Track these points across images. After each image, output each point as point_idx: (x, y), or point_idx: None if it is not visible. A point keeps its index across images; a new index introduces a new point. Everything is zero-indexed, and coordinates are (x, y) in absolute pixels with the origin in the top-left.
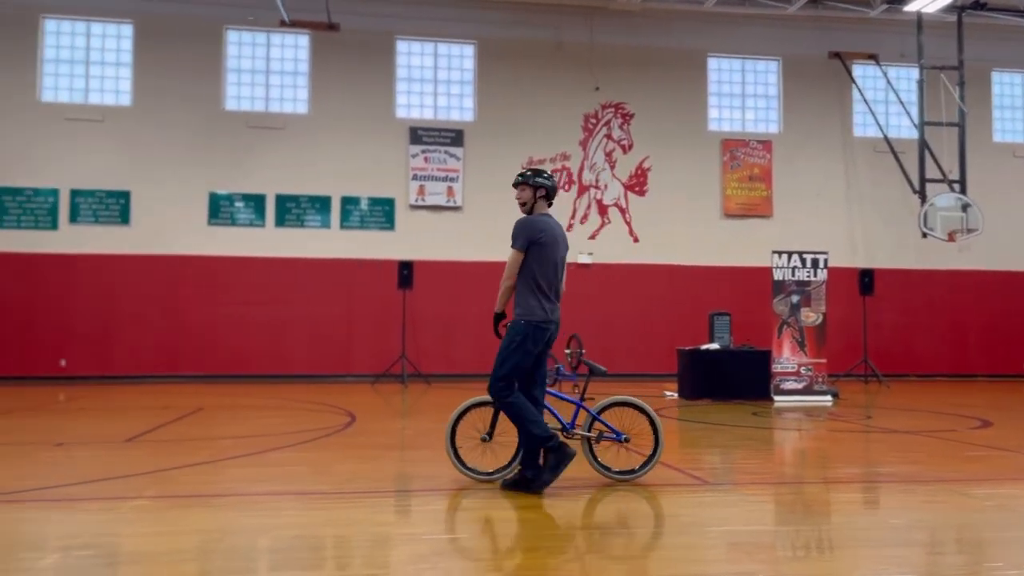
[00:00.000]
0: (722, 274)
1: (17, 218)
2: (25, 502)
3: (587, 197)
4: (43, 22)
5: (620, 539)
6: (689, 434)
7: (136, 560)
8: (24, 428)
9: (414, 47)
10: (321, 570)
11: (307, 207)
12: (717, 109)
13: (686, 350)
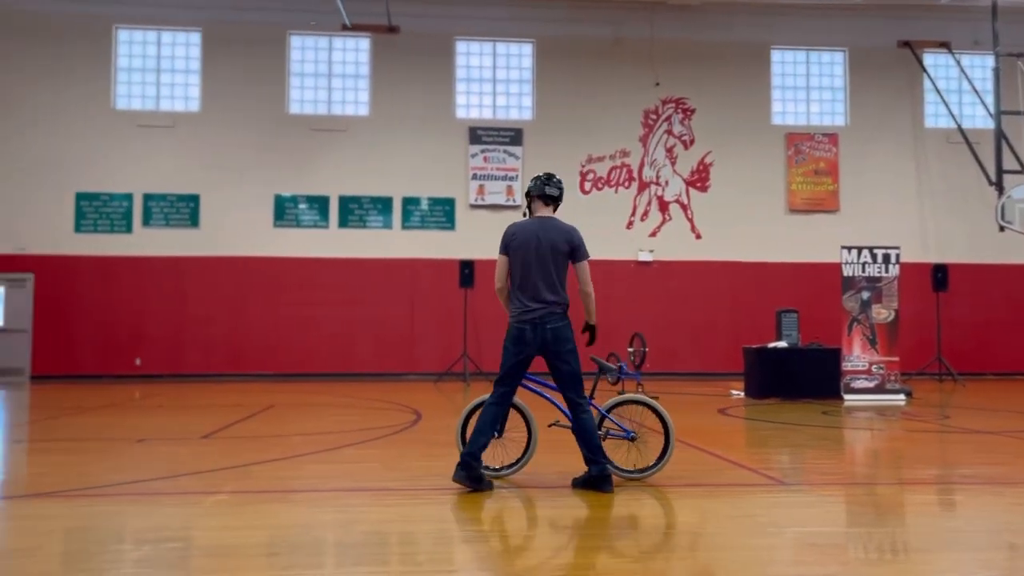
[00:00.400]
0: (788, 271)
1: (94, 222)
2: (115, 496)
3: (647, 194)
4: (116, 32)
5: (697, 539)
6: (759, 433)
7: (221, 553)
8: (106, 425)
9: (473, 47)
10: (399, 565)
11: (369, 208)
12: (781, 102)
13: (753, 348)
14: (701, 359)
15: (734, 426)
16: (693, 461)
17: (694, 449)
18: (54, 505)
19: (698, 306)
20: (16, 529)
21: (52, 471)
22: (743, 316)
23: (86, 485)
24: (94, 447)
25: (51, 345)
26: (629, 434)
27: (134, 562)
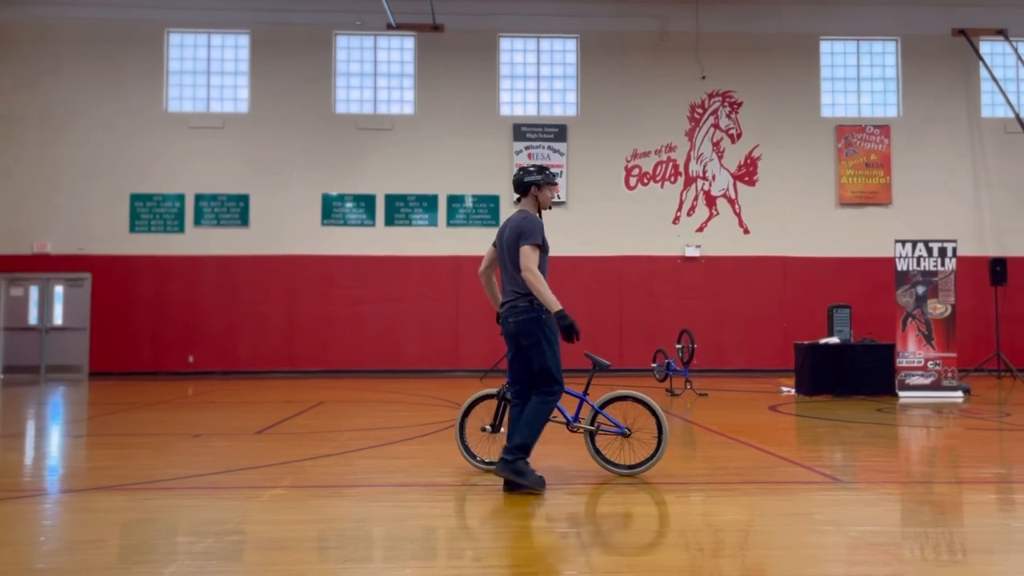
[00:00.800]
0: (839, 265)
1: (148, 222)
2: (175, 489)
3: (694, 188)
4: (168, 36)
5: (753, 537)
6: (812, 431)
7: (279, 546)
8: (163, 420)
9: (517, 44)
10: (452, 560)
11: (415, 206)
12: (831, 94)
13: (804, 344)
14: (750, 355)
15: (786, 423)
16: (745, 458)
17: (745, 446)
18: (117, 498)
19: (746, 302)
20: (82, 521)
21: (113, 465)
22: (793, 312)
23: (146, 479)
24: (151, 442)
25: (108, 343)
26: (622, 430)
27: (198, 554)
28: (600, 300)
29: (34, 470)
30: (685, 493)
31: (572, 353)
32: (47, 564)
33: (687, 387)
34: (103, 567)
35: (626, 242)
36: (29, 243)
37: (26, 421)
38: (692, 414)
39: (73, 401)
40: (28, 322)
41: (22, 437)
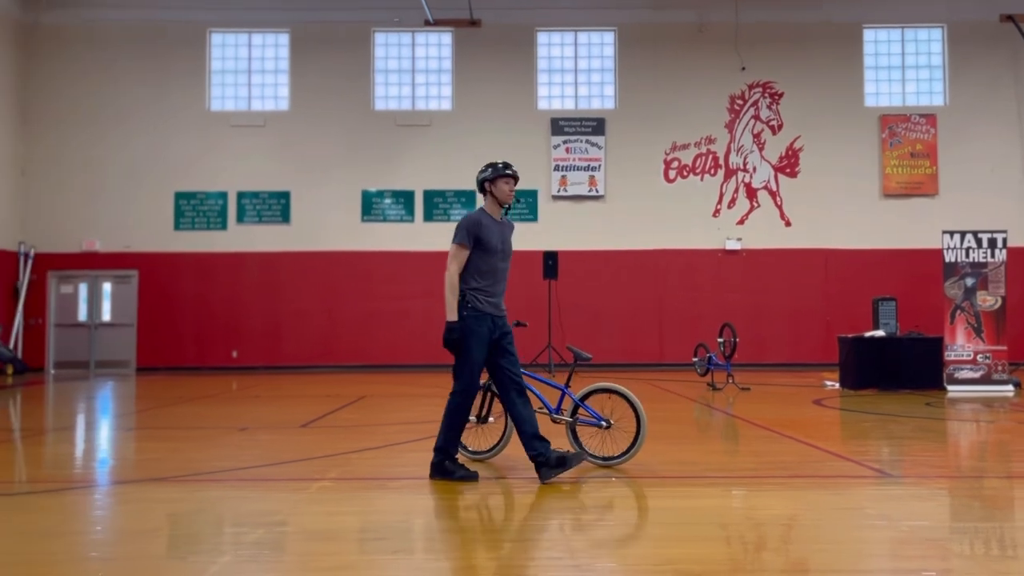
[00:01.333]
0: (883, 257)
1: (192, 220)
2: (224, 481)
3: (734, 181)
4: (210, 36)
5: (806, 531)
6: (859, 425)
7: (328, 537)
8: (209, 414)
9: (554, 38)
10: (496, 550)
11: (453, 201)
12: (874, 83)
13: (849, 338)
14: (792, 349)
15: (831, 417)
16: (792, 452)
17: (791, 440)
18: (168, 489)
19: (789, 295)
20: (135, 512)
21: (163, 457)
22: (836, 305)
23: (196, 471)
24: (199, 435)
25: (154, 338)
26: (600, 422)
27: (250, 544)
28: (639, 294)
29: (87, 462)
30: (732, 487)
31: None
32: (102, 553)
33: (729, 381)
34: (158, 556)
35: (666, 236)
36: (78, 241)
37: (78, 415)
38: (735, 408)
39: (122, 395)
40: (78, 319)
41: (75, 430)
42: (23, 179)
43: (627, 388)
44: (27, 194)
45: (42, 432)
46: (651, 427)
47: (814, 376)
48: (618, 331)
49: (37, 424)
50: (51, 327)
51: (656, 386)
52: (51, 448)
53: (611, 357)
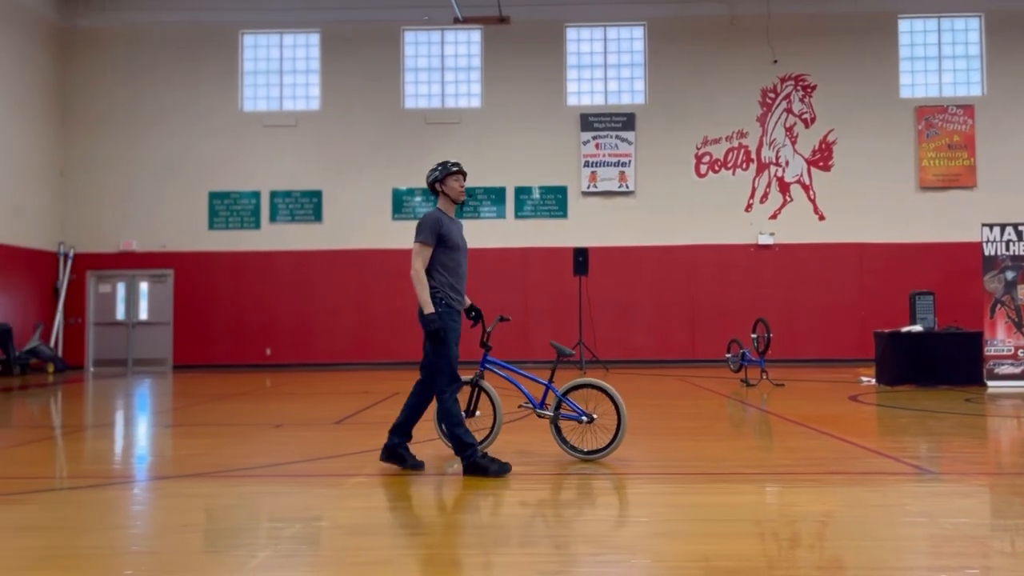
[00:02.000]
0: (920, 251)
1: (225, 220)
2: (261, 477)
3: (767, 175)
4: (242, 38)
5: (847, 527)
6: (897, 421)
7: (366, 532)
8: (244, 411)
9: (583, 33)
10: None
11: (483, 198)
12: (910, 74)
13: (885, 333)
14: (827, 345)
15: (868, 413)
16: (829, 449)
17: (828, 436)
18: (206, 485)
19: (823, 290)
20: (175, 507)
21: (201, 453)
22: (872, 299)
23: (234, 466)
24: (235, 431)
25: (189, 336)
26: (581, 416)
27: (288, 539)
28: (671, 290)
29: (127, 458)
30: (768, 484)
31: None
32: (144, 547)
33: (763, 377)
34: (199, 551)
35: (697, 231)
36: (116, 241)
37: (117, 412)
38: (769, 404)
39: (159, 393)
40: (116, 317)
41: (114, 427)
42: (62, 180)
43: (609, 383)
44: (66, 195)
45: (82, 429)
46: (685, 423)
47: (849, 372)
48: (649, 327)
49: (77, 421)
50: (90, 326)
51: (689, 382)
52: (91, 444)
53: (643, 354)
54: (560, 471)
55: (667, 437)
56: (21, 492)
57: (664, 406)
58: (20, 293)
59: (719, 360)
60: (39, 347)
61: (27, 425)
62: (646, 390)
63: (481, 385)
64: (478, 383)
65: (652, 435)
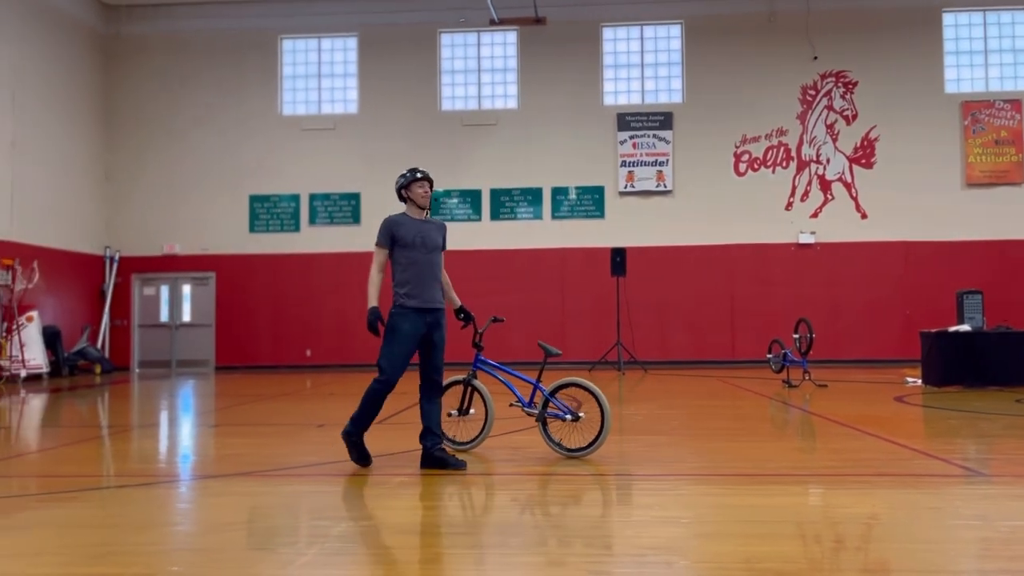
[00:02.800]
0: (966, 249)
1: (266, 223)
2: (306, 476)
3: (807, 173)
4: (282, 43)
5: (900, 529)
6: (946, 422)
7: (411, 530)
8: (286, 411)
9: (620, 33)
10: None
11: (519, 199)
12: (955, 69)
13: (932, 333)
14: (870, 345)
15: (914, 415)
16: (874, 450)
17: (873, 438)
18: (252, 483)
19: (866, 289)
20: (222, 505)
21: (245, 452)
22: (916, 299)
23: (278, 466)
24: (279, 431)
25: (231, 338)
26: (566, 415)
27: (335, 537)
28: (710, 290)
29: (173, 457)
30: (812, 485)
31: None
32: (193, 545)
33: (805, 378)
34: (247, 548)
35: (736, 230)
36: (159, 245)
37: (162, 412)
38: (812, 405)
39: (202, 393)
40: (159, 319)
41: (160, 427)
42: (108, 185)
43: (593, 383)
44: (112, 200)
45: (129, 428)
46: (727, 424)
47: (894, 372)
48: (688, 328)
49: (124, 421)
50: (135, 328)
51: (729, 383)
52: (138, 443)
53: (681, 354)
54: (600, 472)
55: (708, 438)
56: (73, 490)
57: (704, 407)
58: (68, 296)
59: (759, 361)
60: (87, 349)
61: (76, 425)
62: (686, 391)
63: (473, 384)
64: (471, 382)
65: (693, 436)
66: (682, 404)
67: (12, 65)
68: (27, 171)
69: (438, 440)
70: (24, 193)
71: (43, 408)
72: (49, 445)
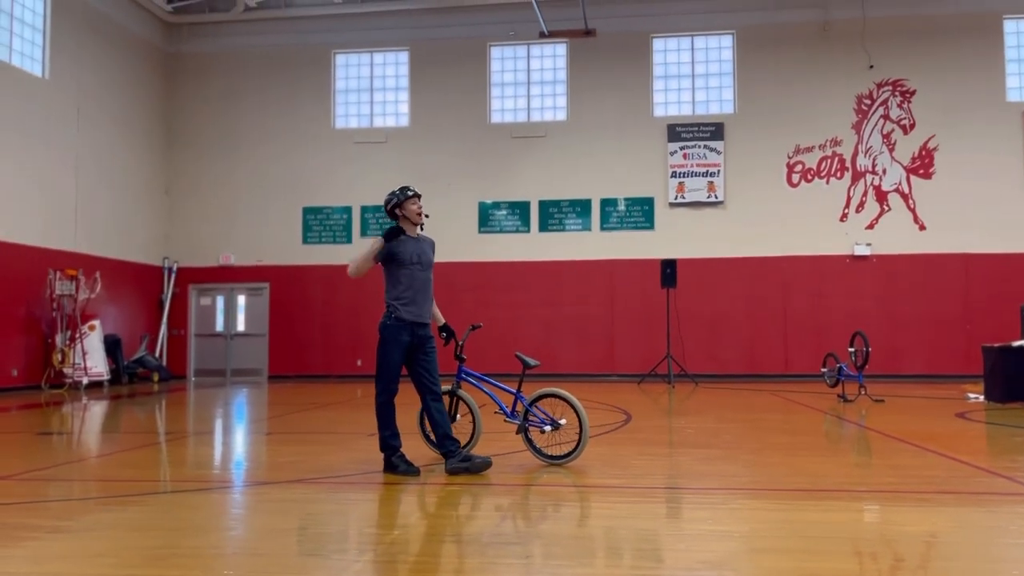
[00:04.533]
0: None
1: (319, 234)
2: (359, 484)
3: (863, 184)
4: (334, 58)
5: (959, 548)
6: (1011, 440)
7: (463, 540)
8: (337, 420)
9: (670, 44)
10: (643, 559)
11: (568, 211)
12: (1017, 76)
13: (995, 347)
14: (929, 360)
15: (977, 431)
16: (936, 467)
17: (933, 454)
18: (305, 490)
19: (925, 302)
20: (277, 511)
21: (300, 460)
22: (978, 312)
23: (331, 473)
24: (331, 439)
25: (284, 348)
26: (545, 425)
27: (388, 544)
28: (762, 303)
29: (228, 463)
30: (870, 501)
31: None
32: (249, 549)
33: (861, 393)
34: (302, 554)
35: (789, 241)
36: (215, 256)
37: (217, 420)
38: (868, 420)
39: (256, 402)
40: (215, 329)
41: (215, 434)
42: (167, 198)
43: (571, 393)
44: (170, 212)
45: (185, 435)
46: (781, 439)
47: (954, 388)
48: (740, 341)
49: (181, 427)
50: (192, 337)
51: (783, 397)
52: (194, 450)
53: (733, 368)
54: (651, 485)
55: (762, 452)
56: (133, 494)
57: (758, 420)
58: (129, 306)
59: (814, 375)
60: (145, 357)
61: (135, 431)
62: (738, 404)
63: (459, 394)
64: (455, 393)
65: (747, 450)
66: (734, 418)
67: (77, 81)
68: (91, 185)
69: (457, 444)
70: (87, 206)
71: (104, 414)
72: (109, 450)
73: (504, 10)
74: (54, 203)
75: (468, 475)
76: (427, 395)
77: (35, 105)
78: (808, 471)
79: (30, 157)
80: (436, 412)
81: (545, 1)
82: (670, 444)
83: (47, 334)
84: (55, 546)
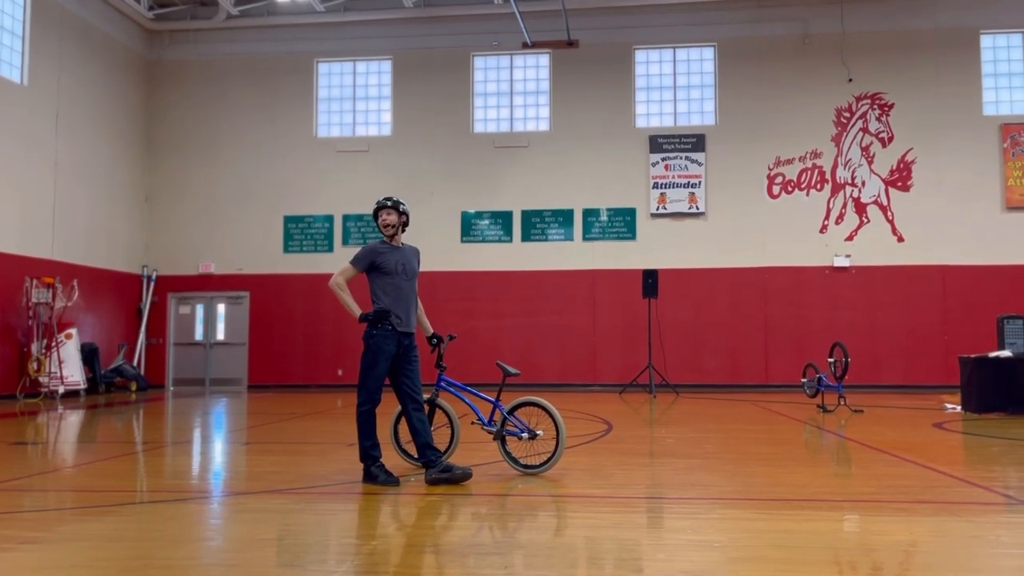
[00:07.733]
0: (1006, 273)
1: (300, 243)
2: (337, 494)
3: (842, 196)
4: (317, 66)
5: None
6: (987, 450)
7: (441, 550)
8: (317, 430)
9: (652, 55)
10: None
11: (550, 221)
12: (994, 91)
13: (971, 358)
14: (908, 370)
15: (954, 441)
16: (913, 476)
17: (912, 464)
18: (283, 501)
19: (903, 313)
20: (255, 521)
21: (278, 470)
22: (956, 323)
23: (310, 483)
24: (310, 449)
25: (264, 357)
26: (523, 433)
27: (366, 555)
28: (743, 313)
29: (206, 474)
30: (849, 511)
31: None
32: (225, 560)
33: (840, 403)
34: (279, 564)
35: (770, 252)
36: (195, 264)
37: (195, 429)
38: (847, 430)
39: (235, 411)
40: (194, 338)
41: (193, 444)
42: (147, 206)
43: (549, 401)
44: (150, 220)
45: (163, 445)
46: (761, 449)
47: (932, 398)
48: (721, 351)
49: (158, 437)
50: (170, 346)
51: (763, 407)
52: (172, 460)
53: (714, 378)
54: (632, 495)
55: (742, 462)
56: (109, 504)
57: (738, 431)
58: (106, 314)
59: (793, 385)
60: (123, 366)
61: (112, 441)
62: (718, 414)
63: (438, 403)
64: (434, 401)
65: (727, 460)
66: (715, 428)
67: (57, 88)
68: (69, 192)
69: (439, 453)
70: (66, 213)
71: (80, 424)
72: (86, 460)
73: (487, 20)
74: (32, 210)
75: (448, 485)
76: (409, 404)
77: (14, 111)
78: (788, 481)
79: (8, 164)
80: (417, 421)
81: (528, 12)
82: (651, 454)
83: (23, 343)
84: (29, 557)
